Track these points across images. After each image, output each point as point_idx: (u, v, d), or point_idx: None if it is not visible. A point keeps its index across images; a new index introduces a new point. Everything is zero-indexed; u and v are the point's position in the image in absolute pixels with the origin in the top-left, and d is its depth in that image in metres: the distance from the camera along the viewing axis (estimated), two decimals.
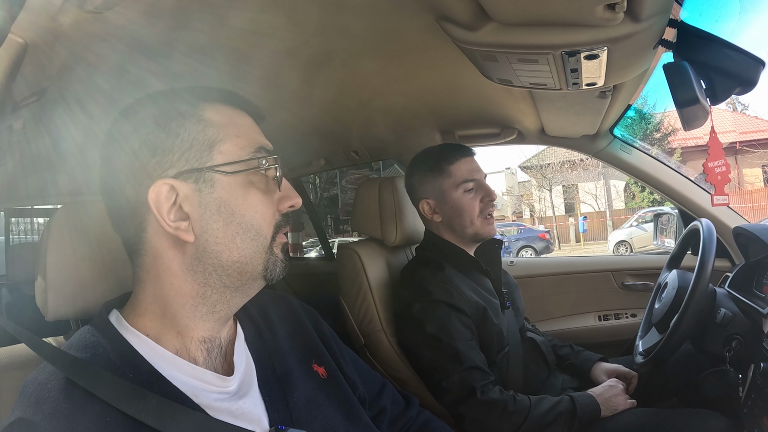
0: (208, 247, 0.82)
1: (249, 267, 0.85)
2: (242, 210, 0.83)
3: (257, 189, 0.85)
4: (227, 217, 0.82)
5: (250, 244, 0.84)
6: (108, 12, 0.90)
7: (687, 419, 1.46)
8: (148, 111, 0.85)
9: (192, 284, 0.84)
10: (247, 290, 0.89)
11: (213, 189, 0.82)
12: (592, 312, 2.59)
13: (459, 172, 1.75)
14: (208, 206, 0.82)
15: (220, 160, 0.82)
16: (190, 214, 0.81)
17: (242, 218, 0.83)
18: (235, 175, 0.83)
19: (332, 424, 0.94)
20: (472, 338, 1.60)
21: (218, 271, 0.83)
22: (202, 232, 0.82)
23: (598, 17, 0.92)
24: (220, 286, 0.85)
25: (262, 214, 0.85)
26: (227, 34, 1.17)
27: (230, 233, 0.82)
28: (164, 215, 0.80)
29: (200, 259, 0.83)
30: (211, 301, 0.85)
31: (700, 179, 2.15)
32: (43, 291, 1.02)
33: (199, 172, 0.81)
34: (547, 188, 25.14)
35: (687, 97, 1.03)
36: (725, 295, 1.60)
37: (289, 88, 1.62)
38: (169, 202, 0.81)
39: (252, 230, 0.84)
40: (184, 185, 0.81)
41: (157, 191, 0.80)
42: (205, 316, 0.86)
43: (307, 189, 3.62)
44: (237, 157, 0.84)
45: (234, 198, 0.83)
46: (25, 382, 0.76)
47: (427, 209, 1.80)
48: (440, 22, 1.11)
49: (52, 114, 1.35)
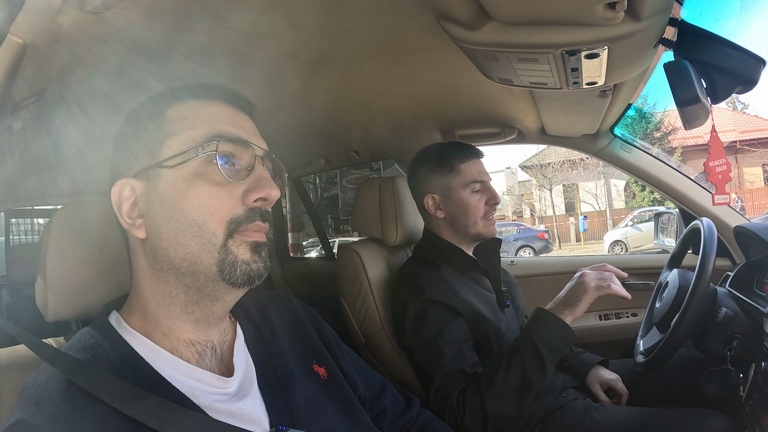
0: (156, 244, 0.81)
1: (200, 266, 0.80)
2: (182, 204, 0.79)
3: (206, 181, 0.80)
4: (167, 212, 0.80)
5: (194, 242, 0.79)
6: (107, 13, 0.90)
7: (688, 419, 1.46)
8: (132, 114, 0.87)
9: (157, 283, 0.83)
10: (212, 293, 0.84)
11: (158, 184, 0.81)
12: (592, 311, 2.58)
13: (469, 171, 1.76)
14: (153, 202, 0.81)
15: (167, 154, 0.81)
16: (143, 211, 0.82)
17: (182, 213, 0.79)
18: (178, 168, 0.80)
19: (333, 425, 0.94)
20: (467, 339, 1.59)
21: (173, 270, 0.82)
22: (151, 229, 0.81)
23: (598, 16, 0.92)
24: (180, 285, 0.82)
25: (208, 208, 0.79)
26: (227, 35, 1.17)
27: (171, 229, 0.80)
28: (124, 213, 0.82)
29: (155, 256, 0.82)
30: (180, 300, 0.83)
31: (700, 178, 2.15)
32: (43, 292, 1.02)
33: (151, 169, 0.81)
34: (548, 187, 25.17)
35: (688, 96, 1.03)
36: (726, 295, 1.60)
37: (289, 89, 1.62)
38: (130, 201, 0.82)
39: (194, 226, 0.79)
40: (139, 183, 0.82)
41: (118, 191, 0.82)
42: (182, 317, 0.84)
43: (307, 189, 3.63)
44: (182, 149, 0.81)
45: (174, 192, 0.80)
46: (25, 383, 0.76)
47: (431, 204, 1.79)
48: (440, 21, 1.10)
49: (51, 115, 1.35)
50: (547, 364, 1.42)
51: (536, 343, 1.43)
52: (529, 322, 1.50)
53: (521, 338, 1.49)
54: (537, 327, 1.47)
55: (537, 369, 1.42)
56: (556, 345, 1.45)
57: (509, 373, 1.43)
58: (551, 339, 1.44)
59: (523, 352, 1.45)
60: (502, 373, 1.44)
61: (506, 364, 1.45)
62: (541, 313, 1.49)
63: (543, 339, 1.44)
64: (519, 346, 1.47)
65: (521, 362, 1.44)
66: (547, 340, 1.44)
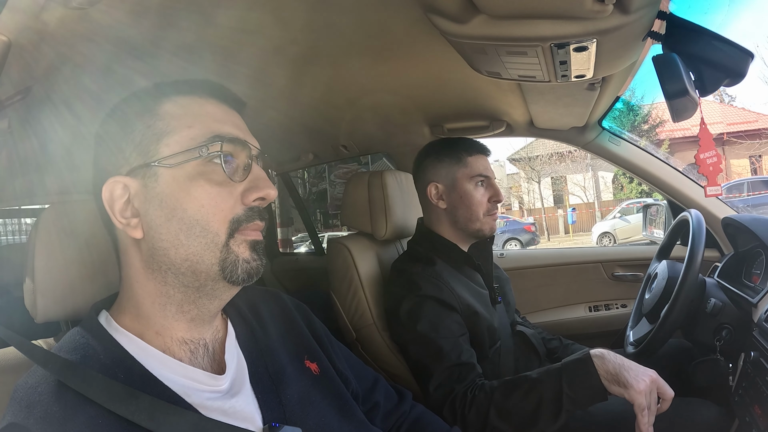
0: (155, 244, 0.80)
1: (202, 266, 0.80)
2: (184, 204, 0.79)
3: (207, 181, 0.80)
4: (168, 212, 0.79)
5: (196, 242, 0.79)
6: (93, 10, 0.89)
7: (679, 408, 1.47)
8: (118, 109, 0.85)
9: (153, 283, 0.83)
10: (210, 291, 0.84)
11: (156, 183, 0.80)
12: (582, 303, 2.61)
13: (476, 165, 1.76)
14: (152, 202, 0.80)
15: (166, 153, 0.80)
16: (139, 210, 0.81)
17: (184, 213, 0.79)
18: (179, 168, 0.80)
19: (326, 420, 0.94)
20: (463, 333, 1.59)
21: (172, 270, 0.81)
22: (149, 229, 0.80)
23: (587, 9, 0.92)
24: (179, 284, 0.82)
25: (210, 208, 0.80)
26: (214, 32, 1.16)
27: (173, 230, 0.79)
28: (116, 213, 0.80)
29: (153, 257, 0.81)
30: (176, 300, 0.83)
31: (688, 170, 2.16)
32: (32, 293, 1.01)
33: (147, 167, 0.80)
34: (536, 180, 25.27)
35: (676, 89, 1.03)
36: (715, 285, 1.62)
37: (276, 85, 1.61)
38: (123, 199, 0.80)
39: (197, 226, 0.79)
40: (134, 182, 0.80)
41: (110, 189, 0.80)
42: (177, 316, 0.84)
43: (295, 184, 3.59)
44: (183, 148, 0.80)
45: (175, 192, 0.79)
46: (16, 386, 0.75)
47: (433, 193, 1.78)
48: (429, 15, 1.10)
49: (37, 113, 1.34)
50: (563, 414, 1.34)
51: (563, 391, 1.33)
52: (571, 366, 1.38)
53: (553, 374, 1.38)
54: (575, 376, 1.35)
55: (551, 412, 1.34)
56: (582, 402, 1.34)
57: (523, 401, 1.37)
58: (581, 394, 1.33)
59: (547, 390, 1.36)
60: (517, 395, 1.38)
61: (527, 389, 1.38)
62: (585, 365, 1.35)
63: (573, 391, 1.33)
64: (547, 379, 1.38)
65: (540, 397, 1.36)
66: (576, 394, 1.33)
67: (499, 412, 1.39)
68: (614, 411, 1.53)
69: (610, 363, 1.32)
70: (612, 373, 1.30)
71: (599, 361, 1.33)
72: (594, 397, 1.32)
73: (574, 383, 1.33)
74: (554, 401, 1.34)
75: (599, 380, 1.31)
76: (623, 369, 1.30)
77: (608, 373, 1.31)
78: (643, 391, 1.25)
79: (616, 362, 1.32)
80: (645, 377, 1.27)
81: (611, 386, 1.29)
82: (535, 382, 1.39)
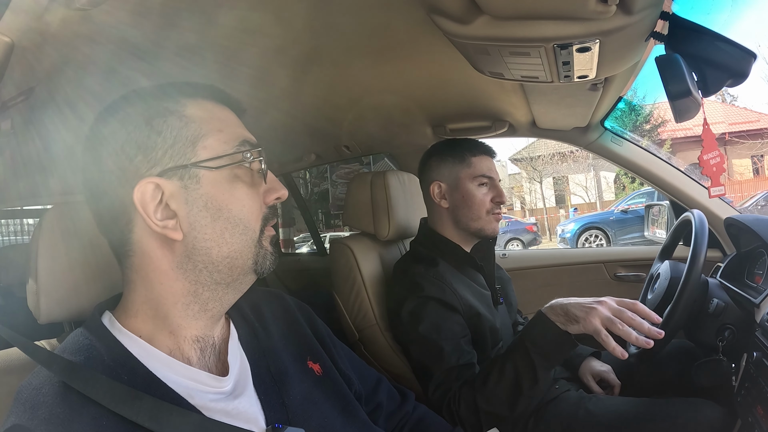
0: (197, 244, 0.81)
1: (239, 261, 0.85)
2: (229, 205, 0.83)
3: (243, 183, 0.85)
4: (214, 212, 0.81)
5: (239, 239, 0.84)
6: (95, 11, 0.89)
7: (681, 408, 1.47)
8: (130, 109, 0.84)
9: (183, 283, 0.83)
10: (238, 286, 0.89)
11: (199, 185, 0.81)
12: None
13: (479, 165, 1.76)
14: (195, 203, 0.81)
15: (205, 156, 0.82)
16: (177, 211, 0.80)
17: (230, 213, 0.82)
18: (221, 170, 0.82)
19: (329, 421, 0.94)
20: (464, 335, 1.59)
21: (209, 268, 0.83)
22: (191, 230, 0.81)
23: (590, 10, 0.92)
24: (211, 282, 0.84)
25: (250, 207, 0.85)
26: (216, 32, 1.16)
27: (218, 229, 0.82)
28: (151, 214, 0.79)
29: (190, 256, 0.82)
30: (203, 298, 0.85)
31: (690, 170, 2.16)
32: (35, 294, 1.01)
33: (184, 168, 0.80)
34: (538, 180, 25.21)
35: (679, 90, 1.03)
36: (717, 286, 1.61)
37: (279, 86, 1.61)
38: (155, 200, 0.79)
39: (240, 224, 0.83)
40: (169, 183, 0.80)
41: (142, 190, 0.79)
42: (198, 314, 0.85)
43: (297, 184, 3.59)
44: (221, 152, 0.83)
45: (220, 193, 0.82)
46: (20, 387, 0.75)
47: (436, 192, 1.79)
48: (432, 15, 1.10)
49: (40, 114, 1.34)
50: (539, 371, 1.36)
51: (529, 350, 1.38)
52: (527, 327, 1.44)
53: (517, 342, 1.43)
54: (533, 332, 1.40)
55: (528, 375, 1.37)
56: (551, 353, 1.37)
57: (501, 376, 1.41)
58: (546, 347, 1.37)
59: (517, 357, 1.40)
60: (495, 374, 1.42)
61: (500, 366, 1.42)
62: (539, 319, 1.39)
63: (537, 346, 1.37)
64: (514, 349, 1.43)
65: (514, 367, 1.40)
66: (541, 348, 1.37)
67: (485, 397, 1.42)
68: (616, 411, 1.53)
69: (558, 307, 1.36)
70: (563, 315, 1.34)
71: (548, 310, 1.38)
72: (561, 344, 1.35)
73: (536, 340, 1.38)
74: (527, 364, 1.38)
75: (556, 326, 1.34)
76: (570, 307, 1.33)
77: (560, 317, 1.35)
78: (592, 319, 1.27)
79: (562, 304, 1.36)
80: (592, 305, 1.31)
81: (569, 327, 1.33)
82: (504, 356, 1.44)
